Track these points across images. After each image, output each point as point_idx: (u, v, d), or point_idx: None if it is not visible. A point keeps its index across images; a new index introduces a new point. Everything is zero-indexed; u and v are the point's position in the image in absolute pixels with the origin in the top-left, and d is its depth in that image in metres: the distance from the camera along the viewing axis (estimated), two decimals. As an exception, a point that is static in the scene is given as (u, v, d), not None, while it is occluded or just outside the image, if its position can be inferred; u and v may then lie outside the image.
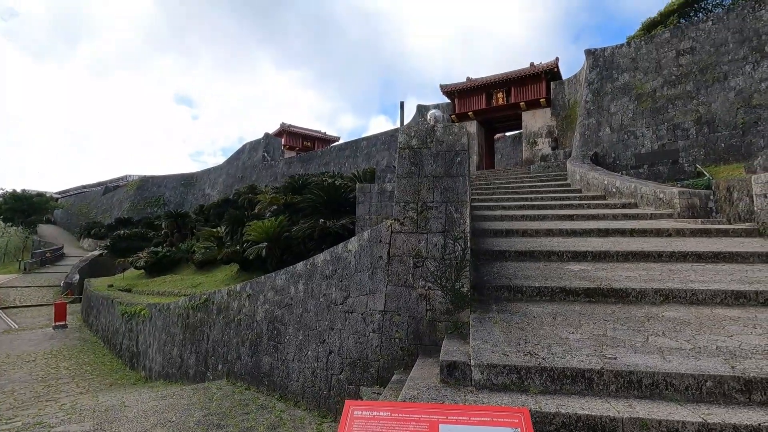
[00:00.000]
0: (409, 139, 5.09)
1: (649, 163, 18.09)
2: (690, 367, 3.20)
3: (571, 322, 4.37)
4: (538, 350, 3.60)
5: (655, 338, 3.85)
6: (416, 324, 4.79)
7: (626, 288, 5.15)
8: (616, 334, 3.97)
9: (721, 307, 4.79)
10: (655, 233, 8.44)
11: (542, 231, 8.85)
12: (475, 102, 27.37)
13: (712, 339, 3.80)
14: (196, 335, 8.83)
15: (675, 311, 4.67)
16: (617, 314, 4.62)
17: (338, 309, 5.52)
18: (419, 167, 5.03)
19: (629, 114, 19.66)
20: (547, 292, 5.29)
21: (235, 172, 49.53)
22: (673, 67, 18.90)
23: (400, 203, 5.01)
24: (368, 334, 5.05)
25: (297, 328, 6.19)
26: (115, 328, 15.11)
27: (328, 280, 5.80)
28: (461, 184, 4.89)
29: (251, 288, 7.44)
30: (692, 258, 6.62)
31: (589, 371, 3.22)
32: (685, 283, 5.32)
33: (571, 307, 4.91)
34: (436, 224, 4.89)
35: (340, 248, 5.69)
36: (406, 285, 4.87)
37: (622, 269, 6.19)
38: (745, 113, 16.32)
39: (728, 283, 5.23)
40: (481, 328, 4.23)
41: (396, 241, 4.96)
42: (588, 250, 6.96)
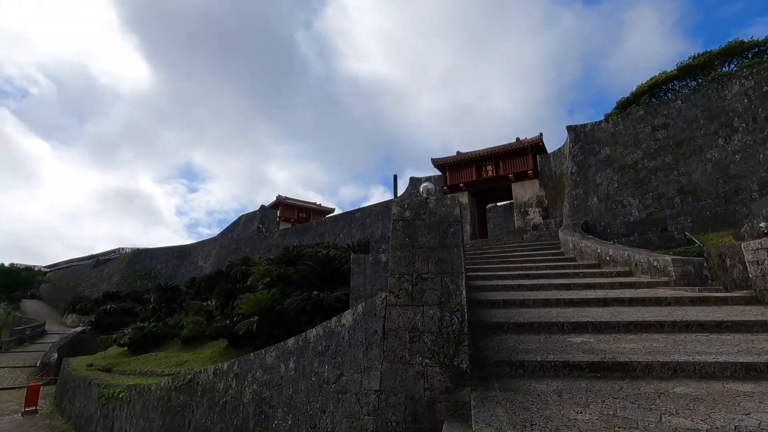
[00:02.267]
0: (402, 211, 5.18)
1: (639, 231, 18.39)
2: (710, 451, 2.97)
3: (578, 401, 4.11)
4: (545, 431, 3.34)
5: (669, 417, 3.61)
6: (414, 405, 4.48)
7: (632, 361, 4.94)
8: (626, 414, 3.73)
9: (732, 381, 4.57)
10: (654, 302, 8.32)
11: (539, 301, 8.69)
12: (466, 174, 28.37)
13: (729, 417, 3.57)
14: (177, 421, 8.14)
15: (685, 386, 4.44)
16: (625, 391, 4.38)
17: (331, 389, 5.19)
18: (413, 238, 5.05)
19: (614, 184, 20.39)
20: (550, 367, 5.05)
21: (230, 244, 49.42)
22: (650, 141, 20.02)
23: (395, 275, 4.95)
24: (363, 417, 4.70)
25: (286, 411, 5.75)
26: (89, 413, 13.97)
27: (321, 357, 5.52)
28: (456, 255, 4.88)
29: (239, 367, 7.03)
30: (695, 328, 6.46)
31: (602, 458, 2.97)
32: (692, 355, 5.12)
33: (576, 384, 4.66)
34: (432, 296, 4.79)
35: (333, 322, 5.50)
36: (403, 362, 4.64)
37: (625, 341, 6.00)
38: (725, 183, 16.99)
39: (736, 355, 5.05)
40: (483, 409, 3.96)
41: (391, 314, 4.82)
42: (588, 321, 6.79)
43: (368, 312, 5.05)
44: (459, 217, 5.04)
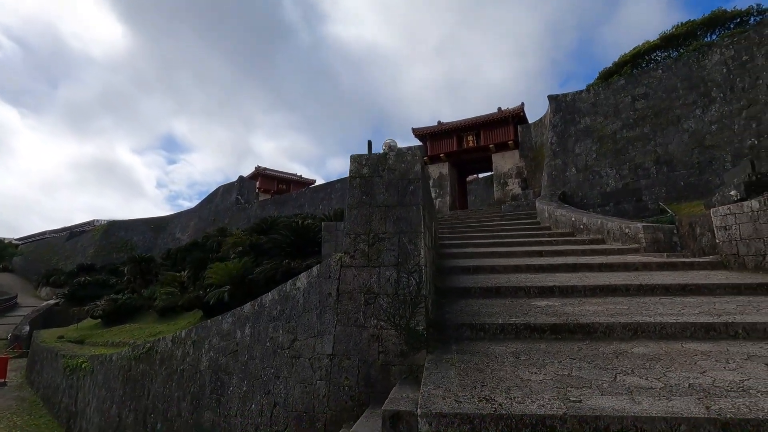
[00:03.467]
0: (360, 167, 4.84)
1: (614, 201, 18.51)
2: (662, 409, 2.83)
3: (534, 362, 3.98)
4: (496, 395, 3.17)
5: (624, 377, 3.49)
6: (368, 369, 4.30)
7: (593, 323, 4.84)
8: (582, 374, 3.60)
9: (691, 341, 4.50)
10: (622, 267, 8.30)
11: (510, 267, 8.59)
12: (447, 145, 28.00)
13: (684, 376, 3.47)
14: (137, 390, 7.91)
15: (644, 347, 4.35)
16: (584, 352, 4.26)
17: (285, 354, 4.97)
18: (371, 197, 4.74)
19: (593, 155, 20.35)
20: (511, 330, 4.92)
21: (208, 216, 48.45)
22: (630, 111, 19.90)
23: (350, 235, 4.66)
24: (315, 382, 4.50)
25: (242, 378, 5.55)
26: (56, 384, 13.66)
27: (276, 322, 5.27)
28: (415, 214, 4.60)
29: (197, 334, 6.77)
30: (660, 291, 6.43)
31: (550, 417, 2.81)
32: (653, 316, 5.05)
33: (536, 345, 4.54)
34: (389, 257, 4.54)
35: (288, 286, 5.23)
36: (357, 325, 4.42)
37: (590, 304, 5.91)
38: (700, 153, 17.09)
39: (697, 316, 4.99)
40: (435, 371, 3.78)
41: (346, 276, 4.55)
42: (555, 285, 6.69)
43: (323, 274, 4.79)
44: (420, 173, 4.73)
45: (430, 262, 5.48)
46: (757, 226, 7.49)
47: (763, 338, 4.48)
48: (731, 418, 2.69)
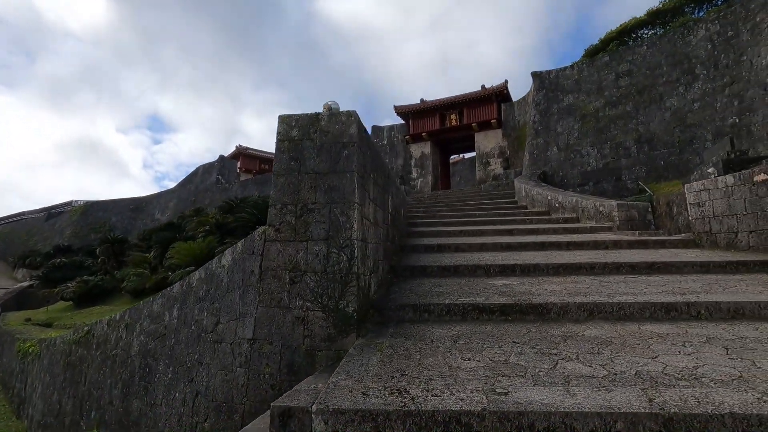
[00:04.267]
0: (289, 129, 4.27)
1: (594, 180, 18.21)
2: (598, 402, 2.41)
3: (472, 347, 3.55)
4: (413, 386, 2.73)
5: (566, 364, 3.08)
6: (291, 355, 3.83)
7: (547, 303, 4.43)
8: (520, 360, 3.17)
9: (650, 322, 4.12)
10: (592, 246, 7.94)
11: (476, 246, 8.17)
12: (429, 123, 27.31)
13: (633, 362, 3.06)
14: (76, 376, 7.41)
15: (598, 329, 3.95)
16: (532, 334, 3.85)
17: (208, 338, 4.48)
18: (300, 162, 4.19)
19: (575, 134, 19.93)
20: (458, 311, 4.49)
21: (188, 196, 47.30)
22: (613, 88, 19.43)
23: (276, 205, 4.12)
24: (235, 370, 4.03)
25: (168, 364, 5.07)
26: (12, 368, 13.09)
27: (201, 303, 4.77)
28: (348, 182, 4.07)
29: (129, 316, 6.24)
30: (626, 269, 6.06)
31: (467, 414, 2.37)
32: (612, 296, 4.66)
33: (482, 328, 4.11)
34: (319, 230, 4.03)
35: (214, 263, 4.72)
36: (281, 306, 3.93)
37: (551, 283, 5.52)
38: (681, 132, 16.76)
39: (659, 295, 4.62)
40: (357, 358, 3.33)
41: (270, 251, 4.04)
42: (517, 264, 6.28)
43: (247, 249, 4.27)
44: (356, 137, 4.18)
45: (373, 238, 4.99)
46: (730, 202, 7.14)
47: (726, 319, 4.12)
48: (675, 413, 2.28)
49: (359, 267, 4.05)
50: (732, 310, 4.19)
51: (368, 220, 4.68)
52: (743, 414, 2.24)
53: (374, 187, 5.19)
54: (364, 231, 4.36)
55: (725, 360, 3.04)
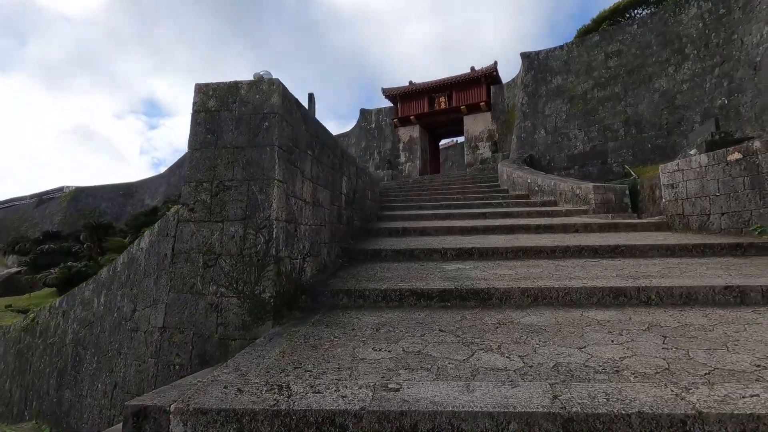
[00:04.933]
0: (206, 99, 3.90)
1: (580, 163, 17.86)
2: (495, 400, 2.12)
3: (393, 336, 3.25)
4: (300, 381, 2.43)
5: (483, 354, 2.79)
6: (203, 344, 3.54)
7: (489, 289, 4.13)
8: (436, 351, 2.88)
9: (595, 308, 3.83)
10: (561, 229, 7.64)
11: (443, 229, 7.87)
12: (418, 106, 26.74)
13: (557, 353, 2.77)
14: (23, 364, 7.14)
15: (537, 316, 3.66)
16: (465, 322, 3.56)
17: (127, 326, 4.19)
18: (217, 136, 3.83)
19: (563, 116, 19.49)
20: (395, 297, 4.19)
21: (177, 181, 46.70)
22: (602, 69, 18.93)
23: (190, 183, 3.77)
24: (147, 360, 3.74)
25: (94, 353, 4.79)
26: (-19, 355, 12.86)
27: (123, 289, 4.46)
28: (269, 157, 3.72)
29: (66, 303, 5.94)
30: (588, 253, 5.77)
31: (342, 414, 2.08)
32: (562, 281, 4.36)
33: (414, 315, 3.82)
34: (236, 210, 3.69)
35: (135, 246, 4.39)
36: (193, 291, 3.62)
37: (505, 267, 5.22)
38: (669, 114, 16.36)
39: (612, 280, 4.32)
40: (258, 348, 3.03)
41: (183, 232, 3.71)
42: (475, 247, 5.98)
43: (162, 231, 3.94)
44: (278, 107, 3.81)
45: (311, 219, 4.66)
46: (704, 183, 6.82)
47: (677, 305, 3.84)
48: (577, 413, 1.99)
49: (280, 250, 3.73)
50: (684, 296, 3.91)
51: (301, 200, 4.34)
52: (652, 414, 1.95)
53: (314, 164, 4.84)
54: (290, 211, 4.02)
55: (658, 350, 2.75)
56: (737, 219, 6.27)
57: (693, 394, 2.11)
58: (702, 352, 2.69)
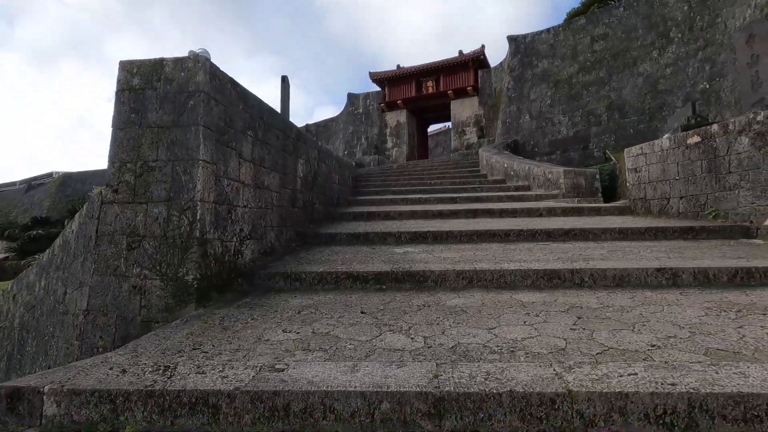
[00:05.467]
0: (130, 77, 3.78)
1: (562, 149, 17.79)
2: (374, 380, 2.10)
3: (311, 318, 3.23)
4: (190, 362, 2.40)
5: (390, 336, 2.77)
6: (127, 327, 3.50)
7: (425, 271, 4.11)
8: (345, 332, 2.86)
9: (526, 290, 3.82)
10: (525, 213, 7.61)
11: (406, 213, 7.82)
12: (405, 91, 26.45)
13: (464, 333, 2.76)
14: (-18, 348, 7.16)
15: (466, 298, 3.65)
16: (392, 304, 3.54)
17: (59, 309, 4.15)
18: (141, 115, 3.73)
19: (547, 101, 19.33)
20: (331, 279, 4.16)
21: (166, 167, 46.25)
22: (588, 53, 18.71)
23: (114, 163, 3.68)
24: (73, 343, 3.71)
25: (34, 336, 4.76)
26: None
27: (59, 272, 4.41)
28: (194, 137, 3.63)
29: (16, 286, 5.90)
30: (541, 236, 5.75)
31: (216, 394, 2.05)
32: (501, 263, 4.34)
33: (345, 297, 3.80)
34: (160, 191, 3.61)
35: (68, 228, 4.32)
36: (117, 274, 3.57)
37: (454, 250, 5.20)
38: (652, 99, 16.25)
39: (552, 262, 4.30)
40: (168, 330, 3.00)
41: (107, 214, 3.64)
42: (429, 231, 5.95)
43: (89, 212, 3.87)
44: (205, 85, 3.71)
45: (253, 202, 4.59)
46: (665, 167, 6.79)
47: (609, 287, 3.84)
48: (448, 392, 1.97)
49: (207, 231, 3.67)
50: (617, 278, 3.90)
51: (237, 182, 4.26)
52: (523, 393, 1.94)
53: (257, 146, 4.75)
54: (221, 193, 3.95)
55: (565, 331, 2.74)
56: (694, 203, 6.26)
57: (573, 374, 2.09)
58: (606, 332, 2.68)
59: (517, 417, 1.93)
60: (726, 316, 2.94)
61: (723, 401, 1.86)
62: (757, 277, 3.77)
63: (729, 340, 2.50)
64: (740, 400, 1.86)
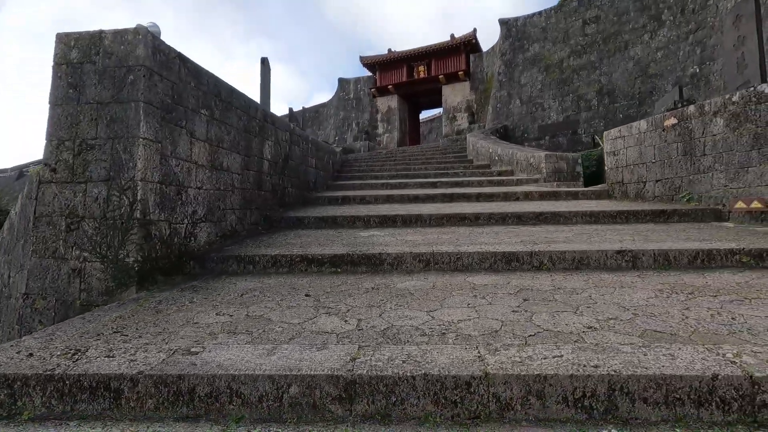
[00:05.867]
0: (67, 50, 3.60)
1: (550, 134, 17.63)
2: (287, 363, 2.00)
3: (251, 300, 3.12)
4: (101, 346, 2.29)
5: (322, 318, 2.66)
6: (66, 310, 3.38)
7: (381, 254, 4.00)
8: (278, 316, 2.75)
9: (483, 273, 3.73)
10: (502, 197, 7.51)
11: (382, 198, 7.70)
12: (396, 75, 26.06)
13: (402, 316, 2.66)
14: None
15: (419, 280, 3.55)
16: (340, 287, 3.43)
17: (4, 293, 4.03)
18: (80, 90, 3.56)
19: (538, 86, 19.08)
20: (285, 263, 4.05)
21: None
22: (579, 36, 18.41)
23: (52, 141, 3.52)
24: (14, 327, 3.60)
25: (-14, 322, 4.68)
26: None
27: (5, 255, 4.28)
28: (134, 113, 3.47)
29: (-25, 272, 5.80)
30: (512, 220, 5.65)
31: (117, 378, 1.94)
32: (461, 246, 4.24)
33: (294, 280, 3.69)
34: (99, 170, 3.46)
35: (13, 210, 4.18)
36: (56, 256, 3.44)
37: (420, 234, 5.09)
38: (642, 83, 16.05)
39: (513, 245, 4.20)
40: (95, 314, 2.89)
41: (45, 195, 3.49)
42: (399, 215, 5.83)
43: (28, 193, 3.71)
44: (146, 59, 3.53)
45: (208, 183, 4.45)
46: (642, 149, 6.67)
47: (568, 269, 3.75)
48: (360, 376, 1.87)
49: (150, 213, 3.54)
50: (577, 260, 3.81)
51: (189, 162, 4.11)
52: (438, 376, 1.84)
53: (214, 126, 4.58)
54: (169, 173, 3.80)
55: (505, 313, 2.64)
56: (670, 186, 6.16)
57: (496, 356, 2.00)
58: (547, 314, 2.59)
59: (430, 401, 1.83)
60: (676, 298, 2.86)
61: (645, 384, 1.78)
62: (717, 260, 3.69)
63: (670, 321, 2.41)
64: (662, 382, 1.77)
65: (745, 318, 2.44)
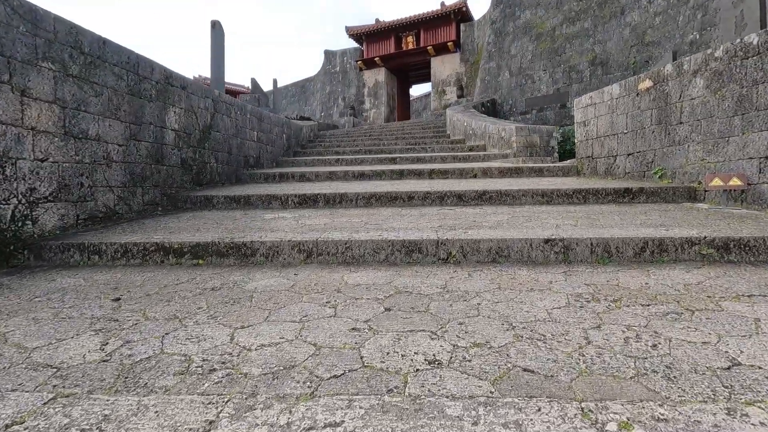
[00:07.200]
0: None
1: (538, 108, 16.58)
2: None
3: (36, 307, 2.35)
4: None
5: (83, 337, 1.90)
6: None
7: (253, 242, 3.22)
8: (20, 336, 1.99)
9: (373, 267, 2.94)
10: (458, 174, 6.66)
11: (324, 174, 6.87)
12: (384, 47, 24.77)
13: (189, 336, 1.90)
14: None
15: (281, 278, 2.77)
16: (178, 287, 2.67)
17: None
18: None
19: (528, 56, 17.88)
20: (137, 252, 3.28)
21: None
22: (573, 1, 17.09)
23: None
24: None
25: None
26: None
27: None
28: None
29: None
30: (450, 200, 4.84)
31: None
32: (359, 231, 3.45)
33: (128, 276, 2.92)
34: None
35: None
36: None
37: (331, 216, 4.30)
38: (638, 52, 14.87)
39: (422, 231, 3.40)
40: None
41: None
42: (322, 194, 5.03)
43: None
44: None
45: (58, 153, 3.65)
46: (613, 118, 5.77)
47: (480, 262, 2.96)
48: None
49: None
50: (494, 251, 3.01)
51: (20, 127, 3.29)
52: None
53: (67, 83, 3.74)
54: (-27, 139, 2.98)
55: (335, 335, 1.87)
56: (641, 160, 5.30)
57: (236, 423, 1.23)
58: (390, 338, 1.82)
59: None
60: (591, 309, 2.07)
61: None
62: (671, 251, 2.89)
63: (559, 352, 1.63)
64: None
65: (672, 345, 1.66)
